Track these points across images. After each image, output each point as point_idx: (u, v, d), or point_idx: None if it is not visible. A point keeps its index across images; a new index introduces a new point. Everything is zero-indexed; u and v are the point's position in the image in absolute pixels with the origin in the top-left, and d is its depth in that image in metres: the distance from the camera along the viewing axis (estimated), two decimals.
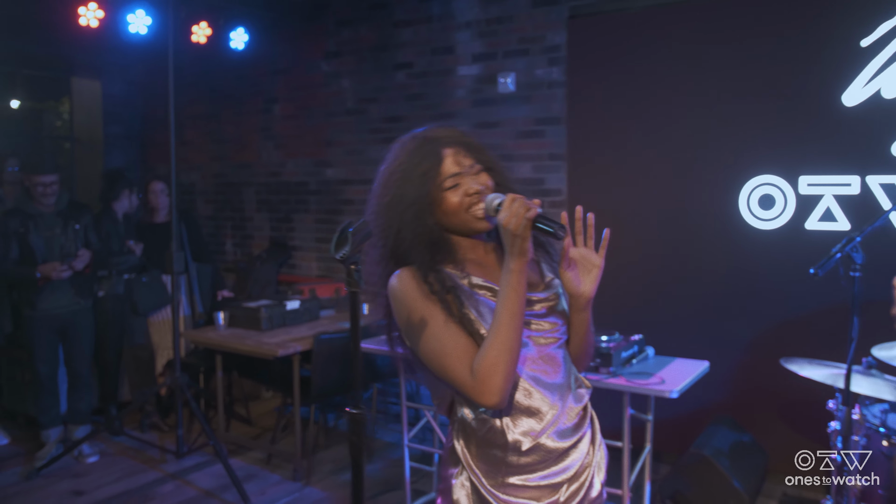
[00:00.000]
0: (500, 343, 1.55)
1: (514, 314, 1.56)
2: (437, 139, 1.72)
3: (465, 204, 1.66)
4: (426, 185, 1.66)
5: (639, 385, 3.08)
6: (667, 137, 4.34)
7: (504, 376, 1.54)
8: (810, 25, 3.89)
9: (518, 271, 1.56)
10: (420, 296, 1.63)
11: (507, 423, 1.63)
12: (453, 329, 1.61)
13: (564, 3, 4.69)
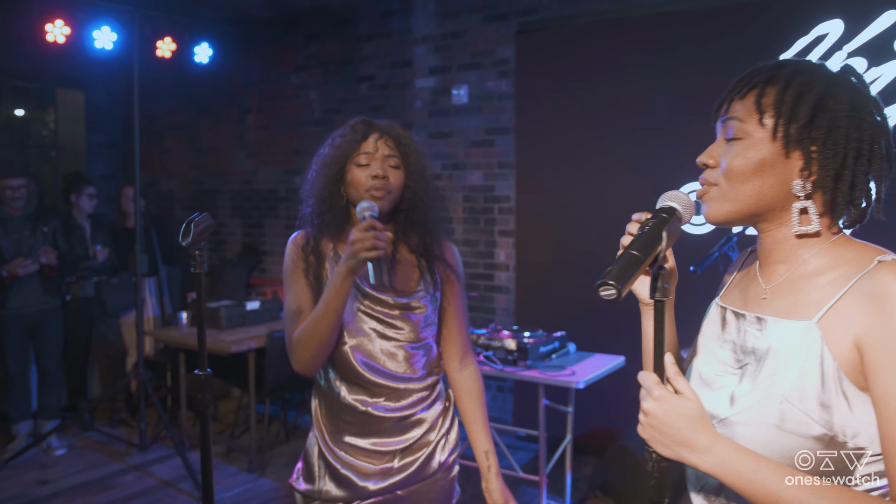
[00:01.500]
0: (312, 327, 1.80)
1: (328, 307, 1.78)
2: (374, 124, 1.95)
3: (367, 184, 1.85)
4: (344, 151, 1.88)
5: (549, 376, 3.29)
6: (610, 146, 4.56)
7: (309, 353, 1.81)
8: (737, 40, 4.10)
9: (343, 277, 1.76)
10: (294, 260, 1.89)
11: (345, 388, 1.89)
12: (301, 298, 1.87)
13: (513, 19, 4.93)
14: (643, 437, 1.13)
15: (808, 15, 3.91)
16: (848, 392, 1.05)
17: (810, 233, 1.15)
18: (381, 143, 1.88)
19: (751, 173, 1.15)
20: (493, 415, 5.09)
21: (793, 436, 1.07)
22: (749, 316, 1.21)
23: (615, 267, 1.07)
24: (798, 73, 1.15)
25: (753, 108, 1.16)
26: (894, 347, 1.00)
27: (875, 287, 1.04)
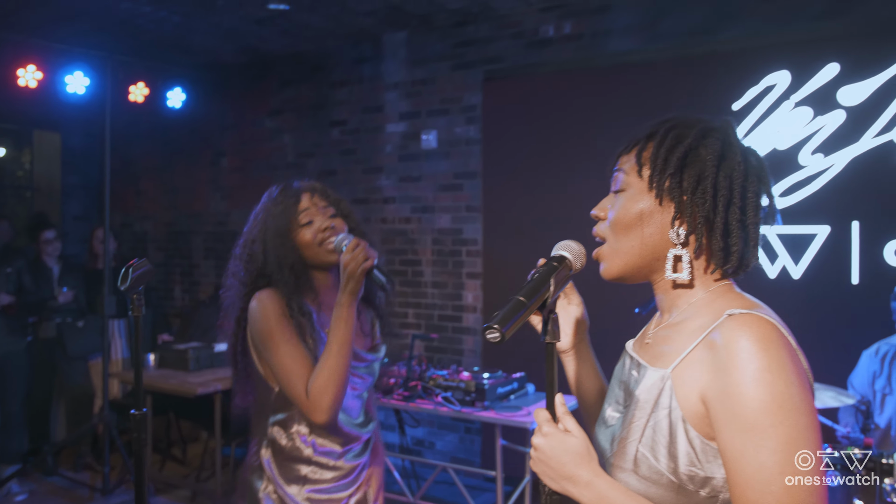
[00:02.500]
0: (330, 368, 1.83)
1: (342, 343, 1.84)
2: (298, 186, 2.05)
3: (318, 239, 1.95)
4: (286, 218, 1.96)
5: (505, 417, 3.33)
6: (573, 190, 4.66)
7: (333, 397, 1.82)
8: (694, 89, 4.24)
9: (348, 305, 1.85)
10: (279, 315, 1.89)
11: (317, 441, 1.94)
12: (301, 350, 1.89)
13: (480, 67, 5.07)
14: (535, 471, 1.18)
15: (759, 66, 4.06)
16: (694, 442, 1.08)
17: (683, 280, 1.19)
18: (315, 199, 1.99)
19: (631, 224, 1.21)
20: (460, 456, 5.10)
21: (647, 482, 1.12)
22: (635, 359, 1.26)
23: (501, 311, 1.14)
24: (674, 127, 1.22)
25: (634, 162, 1.23)
26: (730, 402, 1.02)
27: (720, 341, 1.07)
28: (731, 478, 1.04)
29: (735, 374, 1.03)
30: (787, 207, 3.98)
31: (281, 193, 1.99)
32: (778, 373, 1.01)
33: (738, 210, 1.16)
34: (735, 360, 1.03)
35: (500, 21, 4.95)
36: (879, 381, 3.42)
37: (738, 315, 1.08)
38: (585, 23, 4.66)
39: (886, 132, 3.75)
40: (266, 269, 1.93)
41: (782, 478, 0.98)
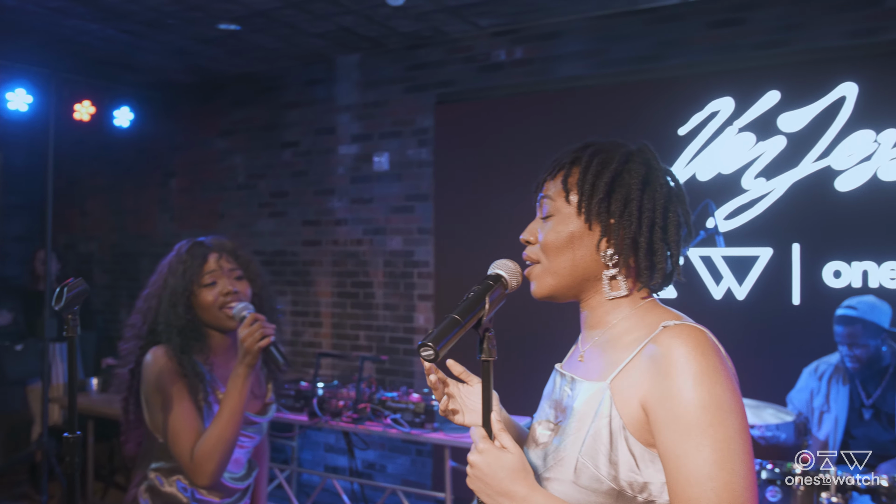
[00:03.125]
0: (218, 435, 1.86)
1: (233, 412, 1.87)
2: (208, 245, 2.06)
3: (218, 302, 1.98)
4: (186, 278, 1.97)
5: (454, 438, 3.32)
6: (524, 212, 4.64)
7: (216, 464, 1.86)
8: (639, 115, 4.33)
9: (243, 377, 1.88)
10: (172, 373, 1.92)
11: (191, 492, 1.96)
12: (190, 412, 1.91)
13: (432, 90, 5.10)
14: (471, 488, 1.19)
15: (703, 93, 4.17)
16: (634, 449, 1.13)
17: (621, 296, 1.26)
18: (222, 261, 2.01)
19: (563, 246, 1.27)
20: (411, 479, 5.05)
21: (587, 491, 1.15)
22: (567, 376, 1.31)
23: (435, 329, 1.16)
24: (598, 152, 1.29)
25: (561, 188, 1.29)
26: (669, 405, 1.08)
27: (657, 351, 1.13)
28: (671, 477, 1.08)
29: (675, 379, 1.09)
30: (731, 230, 4.06)
31: (188, 252, 2.01)
32: (714, 377, 1.09)
33: (660, 230, 1.24)
34: (674, 367, 1.10)
35: (453, 45, 5.00)
36: (818, 399, 3.49)
37: (672, 326, 1.16)
38: (536, 48, 4.73)
39: (824, 157, 3.87)
40: (157, 327, 1.96)
41: (722, 474, 1.04)
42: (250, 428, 2.05)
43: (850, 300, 3.46)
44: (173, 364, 1.91)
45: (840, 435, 3.40)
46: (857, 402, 3.41)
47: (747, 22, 4.12)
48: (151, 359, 1.92)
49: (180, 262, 1.99)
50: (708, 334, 1.14)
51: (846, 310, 3.42)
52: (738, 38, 4.15)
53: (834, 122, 3.84)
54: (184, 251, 2.02)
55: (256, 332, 1.84)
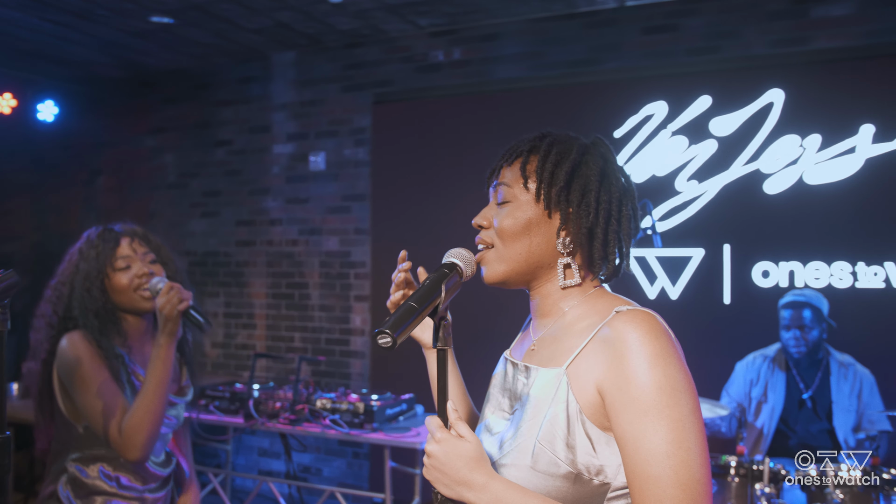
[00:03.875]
0: (145, 406, 1.83)
1: (159, 382, 1.86)
2: (119, 230, 2.04)
3: (133, 284, 1.96)
4: (99, 262, 1.95)
5: (394, 438, 3.28)
6: (462, 214, 4.66)
7: (147, 435, 1.83)
8: (577, 117, 4.39)
9: (167, 346, 1.88)
10: (92, 354, 1.88)
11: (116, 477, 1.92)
12: (113, 387, 1.88)
13: (369, 90, 5.06)
14: (428, 479, 1.19)
15: (638, 97, 4.25)
16: (591, 433, 1.14)
17: (573, 286, 1.27)
18: (135, 244, 2.00)
19: (520, 232, 1.26)
20: (348, 482, 4.98)
21: (545, 475, 1.15)
22: (520, 365, 1.30)
23: (393, 316, 1.15)
24: (556, 143, 1.30)
25: (519, 174, 1.29)
26: (626, 388, 1.10)
27: (611, 336, 1.15)
28: (629, 458, 1.09)
29: (630, 362, 1.10)
30: (665, 231, 4.15)
31: (99, 237, 2.00)
32: (668, 359, 1.11)
33: (615, 222, 1.27)
34: (628, 350, 1.11)
35: (391, 45, 4.98)
36: (756, 389, 3.59)
37: (625, 311, 1.17)
38: (474, 50, 4.75)
39: (753, 161, 3.99)
40: (72, 312, 1.93)
41: (679, 452, 1.06)
42: (170, 410, 2.04)
43: (795, 290, 3.60)
44: (92, 346, 1.88)
45: (775, 424, 3.50)
46: (795, 392, 3.52)
47: (680, 28, 4.23)
48: (68, 343, 1.88)
49: (91, 246, 1.97)
50: (658, 318, 1.16)
51: (795, 296, 3.56)
52: (671, 44, 4.25)
53: (762, 127, 3.97)
54: (94, 236, 2.00)
55: (174, 298, 1.85)
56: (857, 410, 3.45)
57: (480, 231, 1.34)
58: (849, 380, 3.48)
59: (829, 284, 3.82)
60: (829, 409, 3.46)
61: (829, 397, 3.47)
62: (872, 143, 3.76)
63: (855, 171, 3.80)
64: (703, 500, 1.06)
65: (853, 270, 3.79)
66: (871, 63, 3.81)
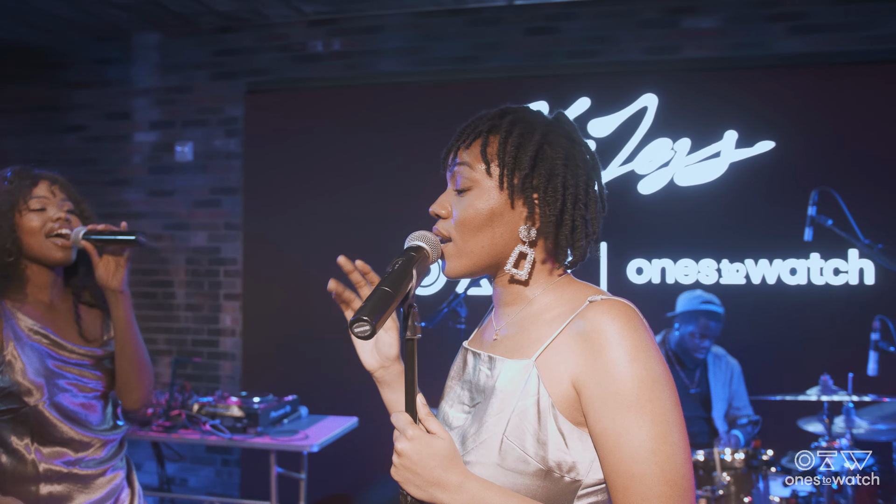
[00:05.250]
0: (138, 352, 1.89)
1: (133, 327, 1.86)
2: (39, 173, 1.80)
3: (47, 228, 1.73)
4: (13, 198, 1.70)
5: (282, 442, 3.12)
6: (339, 209, 4.57)
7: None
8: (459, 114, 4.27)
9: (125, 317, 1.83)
10: None
11: (42, 452, 1.68)
12: None
13: (242, 78, 4.82)
14: (397, 480, 1.09)
15: (520, 96, 4.30)
16: (563, 428, 1.07)
17: (521, 277, 1.18)
18: (55, 188, 1.80)
19: (482, 224, 1.17)
20: (217, 490, 4.71)
21: (513, 473, 1.08)
22: (483, 356, 1.22)
23: (368, 303, 1.05)
24: (517, 122, 1.21)
25: (480, 158, 1.19)
26: (606, 382, 1.04)
27: (586, 327, 1.08)
28: (611, 456, 1.03)
29: (610, 355, 1.04)
30: None
31: (15, 174, 1.77)
32: (647, 351, 1.05)
33: (583, 206, 1.18)
34: (607, 343, 1.05)
35: (265, 32, 4.77)
36: None
37: (599, 301, 1.10)
38: (355, 41, 4.64)
39: (629, 162, 4.15)
40: None
41: (664, 447, 1.01)
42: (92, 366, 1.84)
43: (702, 294, 3.66)
44: None
45: None
46: (680, 388, 3.68)
47: (561, 31, 4.33)
48: None
49: (5, 180, 1.74)
50: (634, 308, 1.11)
51: (713, 306, 3.60)
52: (552, 45, 4.34)
53: (637, 130, 4.13)
54: (8, 174, 1.77)
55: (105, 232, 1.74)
56: (727, 398, 3.66)
57: (438, 221, 1.23)
58: (721, 370, 3.69)
59: (697, 280, 4.04)
60: (708, 400, 3.65)
61: (709, 388, 3.67)
62: (735, 148, 4.01)
63: (720, 174, 4.04)
64: (688, 495, 1.02)
65: (718, 267, 4.03)
66: (735, 74, 4.07)
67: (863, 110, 3.92)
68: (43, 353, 1.72)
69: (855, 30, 3.97)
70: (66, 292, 1.88)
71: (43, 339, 1.73)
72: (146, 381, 1.87)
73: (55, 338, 1.75)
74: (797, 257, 3.93)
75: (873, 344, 3.09)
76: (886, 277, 3.81)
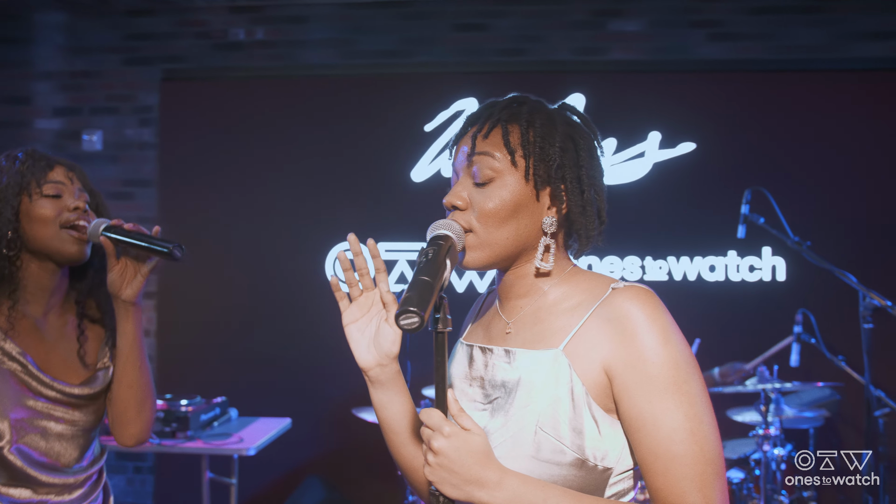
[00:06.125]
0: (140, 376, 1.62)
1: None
2: (56, 157, 1.59)
3: (62, 218, 1.50)
4: (24, 180, 1.48)
5: (216, 445, 3.00)
6: (261, 203, 4.43)
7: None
8: (388, 108, 4.33)
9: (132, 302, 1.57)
10: None
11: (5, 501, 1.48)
12: None
13: (158, 65, 4.59)
14: (431, 480, 1.04)
15: (449, 92, 4.29)
16: (597, 415, 1.08)
17: (548, 269, 1.18)
18: (72, 174, 1.56)
19: (508, 215, 1.15)
20: (129, 500, 4.48)
21: (549, 464, 1.08)
22: (497, 350, 1.20)
23: (413, 293, 1.00)
24: (536, 111, 1.20)
25: (503, 148, 1.16)
26: (642, 367, 1.06)
27: (614, 313, 1.09)
28: (649, 439, 1.05)
29: (643, 340, 1.06)
30: None
31: (28, 156, 1.53)
32: (676, 335, 1.09)
33: (598, 196, 1.20)
34: (639, 328, 1.07)
35: (185, 17, 4.56)
36: None
37: (623, 288, 1.12)
38: (280, 31, 4.50)
39: None
40: None
41: (701, 427, 1.05)
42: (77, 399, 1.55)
43: None
44: None
45: None
46: None
47: (490, 28, 4.34)
48: None
49: (16, 161, 1.50)
50: (655, 293, 1.13)
51: None
52: (482, 42, 4.35)
53: None
54: (20, 154, 1.53)
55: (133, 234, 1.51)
56: None
57: (454, 212, 1.18)
58: None
59: (622, 277, 4.14)
60: None
61: None
62: (659, 148, 4.15)
63: (644, 173, 4.16)
64: (723, 473, 1.06)
65: (642, 264, 4.16)
66: (659, 76, 4.21)
67: (780, 116, 4.13)
68: (13, 386, 1.47)
69: (769, 39, 4.17)
70: (68, 302, 1.62)
71: (18, 368, 1.48)
72: (147, 413, 1.61)
73: (34, 369, 1.50)
74: (716, 255, 4.11)
75: (796, 336, 3.26)
76: (797, 274, 4.03)
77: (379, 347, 1.20)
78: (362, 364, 1.21)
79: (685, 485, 1.02)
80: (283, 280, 4.35)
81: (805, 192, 4.04)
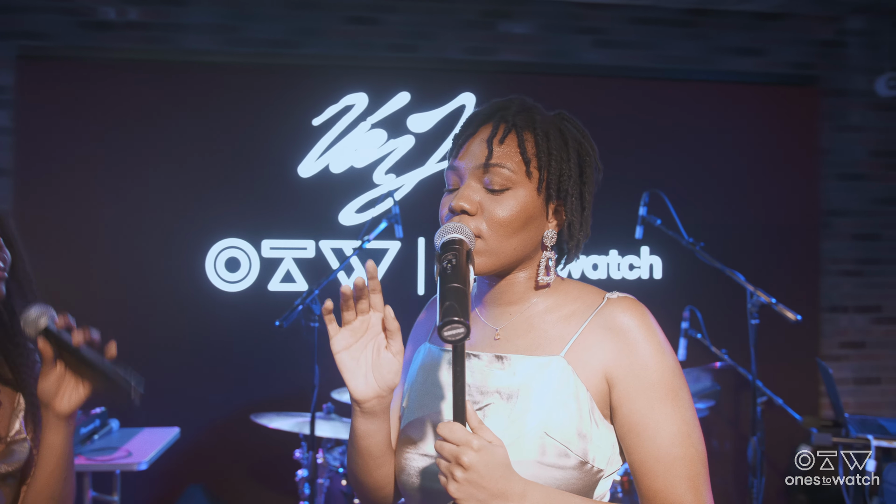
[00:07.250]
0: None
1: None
2: None
3: None
4: None
5: (102, 461, 2.77)
6: (133, 196, 4.14)
7: None
8: (274, 99, 4.17)
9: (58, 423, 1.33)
10: None
11: None
12: None
13: (13, 41, 4.17)
14: (457, 497, 0.99)
15: (339, 86, 4.20)
16: (598, 420, 1.12)
17: (548, 281, 1.20)
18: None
19: (519, 227, 1.14)
20: None
21: (552, 468, 1.09)
22: (484, 356, 1.19)
23: (452, 302, 0.96)
24: (548, 123, 1.19)
25: (520, 158, 1.15)
26: (644, 375, 1.10)
27: (613, 323, 1.14)
28: (649, 443, 1.10)
29: (644, 349, 1.11)
30: (363, 223, 4.17)
31: None
32: (667, 343, 1.15)
33: (589, 209, 1.24)
34: (640, 338, 1.12)
35: None
36: None
37: (618, 298, 1.17)
38: (155, 12, 4.21)
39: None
40: None
41: (695, 430, 1.12)
42: None
43: None
44: None
45: None
46: None
47: (382, 23, 4.28)
48: None
49: None
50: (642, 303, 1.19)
51: None
52: (373, 36, 4.28)
53: (456, 127, 4.21)
54: None
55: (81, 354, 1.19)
56: None
57: (461, 216, 1.14)
58: None
59: None
60: None
61: None
62: None
63: None
64: (708, 474, 1.13)
65: None
66: (547, 79, 4.31)
67: (666, 123, 4.34)
68: None
69: (649, 48, 4.37)
70: None
71: None
72: None
73: None
74: (599, 254, 4.26)
75: (683, 332, 3.45)
76: (671, 273, 4.26)
77: (380, 378, 1.12)
78: (358, 396, 1.12)
79: (683, 485, 1.08)
80: (163, 280, 4.08)
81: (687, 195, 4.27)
